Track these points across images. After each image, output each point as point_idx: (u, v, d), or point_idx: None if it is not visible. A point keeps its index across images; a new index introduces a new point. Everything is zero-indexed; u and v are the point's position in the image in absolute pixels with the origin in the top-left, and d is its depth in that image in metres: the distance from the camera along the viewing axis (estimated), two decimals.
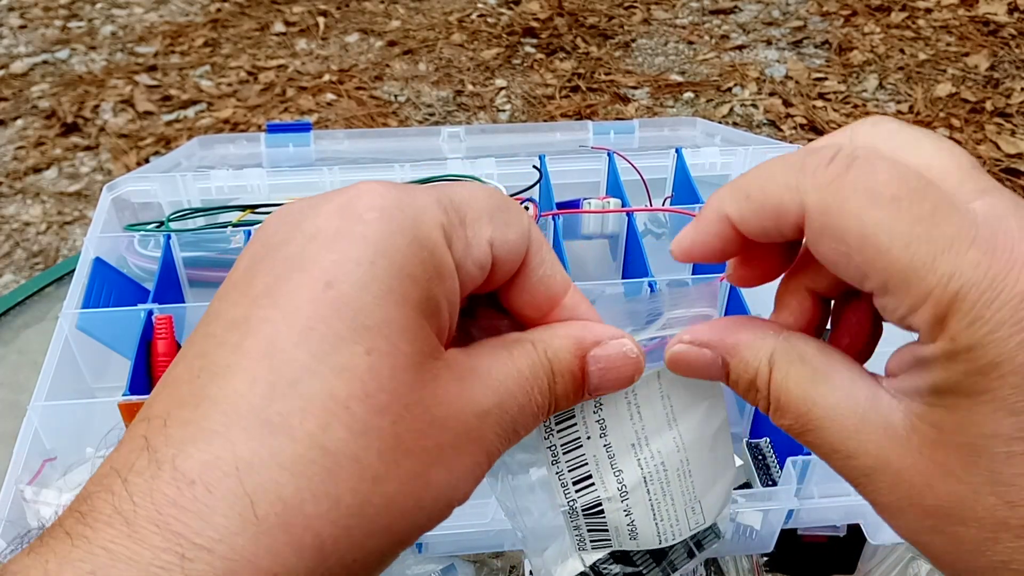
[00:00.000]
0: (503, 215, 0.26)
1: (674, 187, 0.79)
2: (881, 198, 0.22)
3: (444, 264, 0.24)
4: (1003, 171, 1.92)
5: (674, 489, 0.30)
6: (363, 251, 0.22)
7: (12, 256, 1.78)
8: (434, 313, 0.24)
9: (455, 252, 0.24)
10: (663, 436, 0.30)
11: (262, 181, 0.75)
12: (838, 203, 0.23)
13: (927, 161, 0.24)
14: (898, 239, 0.22)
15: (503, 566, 0.60)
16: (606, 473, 0.30)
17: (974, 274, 0.21)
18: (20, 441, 0.55)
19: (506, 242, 0.26)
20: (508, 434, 0.26)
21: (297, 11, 2.51)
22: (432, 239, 0.24)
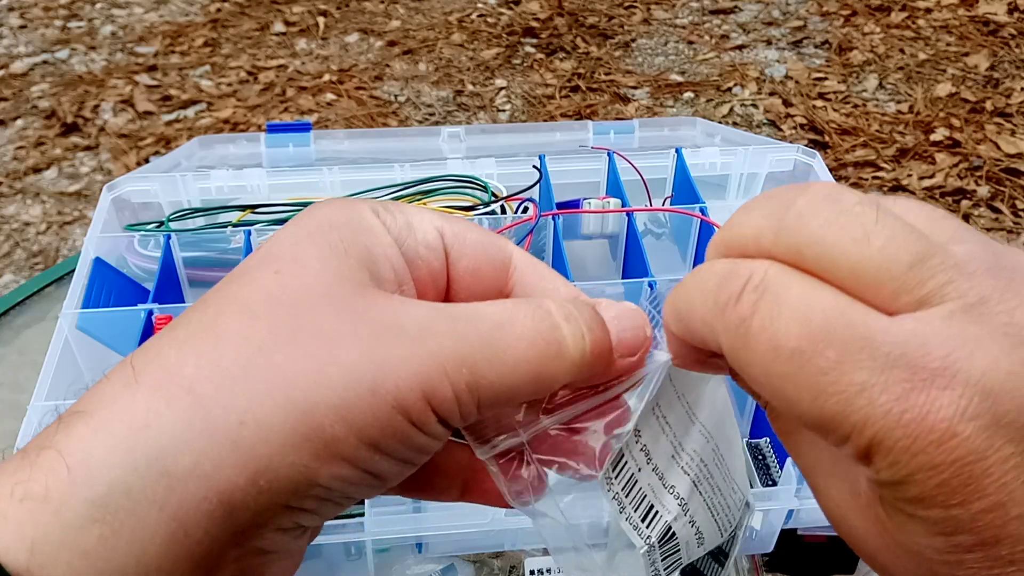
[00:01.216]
0: (459, 221, 0.29)
1: (674, 187, 0.79)
2: (783, 351, 0.21)
3: (371, 224, 0.26)
4: (1003, 171, 1.92)
5: (717, 479, 0.30)
6: (294, 220, 0.27)
7: (12, 256, 1.78)
8: (365, 256, 0.26)
9: (390, 224, 0.27)
10: (692, 434, 0.30)
11: (262, 181, 0.75)
12: (746, 354, 0.22)
13: (854, 265, 0.21)
14: (805, 393, 0.21)
15: (503, 566, 0.60)
16: (663, 496, 0.29)
17: (887, 421, 0.20)
18: (20, 441, 0.55)
19: (464, 235, 0.28)
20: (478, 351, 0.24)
21: (297, 11, 2.51)
22: (358, 207, 0.27)
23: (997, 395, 0.19)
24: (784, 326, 0.21)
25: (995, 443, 0.19)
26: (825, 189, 0.22)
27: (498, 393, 0.25)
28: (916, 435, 0.20)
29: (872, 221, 0.21)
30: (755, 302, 0.22)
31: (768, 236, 0.23)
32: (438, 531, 0.55)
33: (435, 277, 0.28)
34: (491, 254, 0.29)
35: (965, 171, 1.93)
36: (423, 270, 0.27)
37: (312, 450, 0.22)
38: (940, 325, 0.20)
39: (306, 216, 0.27)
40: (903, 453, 0.20)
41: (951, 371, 0.20)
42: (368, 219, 0.27)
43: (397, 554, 0.58)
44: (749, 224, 0.23)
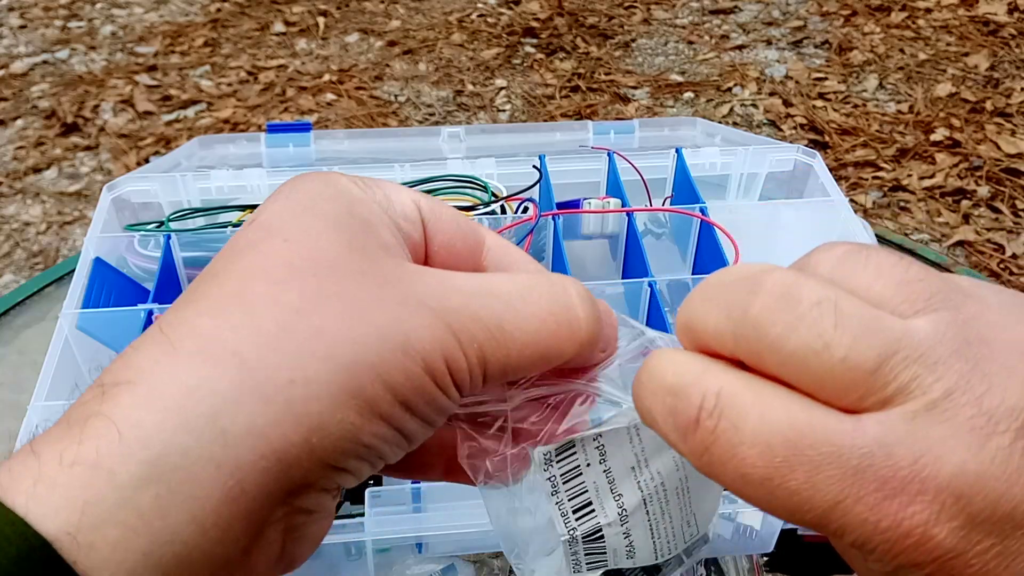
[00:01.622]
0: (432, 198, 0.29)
1: (674, 187, 0.79)
2: (751, 480, 0.21)
3: (361, 196, 0.27)
4: (1003, 171, 1.92)
5: (672, 507, 0.30)
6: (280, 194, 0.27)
7: (12, 256, 1.78)
8: (366, 226, 0.26)
9: (372, 196, 0.27)
10: (663, 456, 0.30)
11: (262, 181, 0.75)
12: (717, 477, 0.22)
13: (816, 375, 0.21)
14: (781, 511, 0.21)
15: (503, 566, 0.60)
16: (606, 499, 0.29)
17: (863, 530, 0.20)
18: (20, 441, 0.55)
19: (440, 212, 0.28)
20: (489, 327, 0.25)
21: (297, 11, 2.51)
22: (338, 180, 0.27)
23: (969, 497, 0.20)
24: (748, 457, 0.21)
25: (972, 539, 0.20)
26: (779, 288, 0.22)
27: (504, 370, 0.26)
28: (894, 540, 0.20)
29: (831, 326, 0.21)
30: (713, 430, 0.22)
31: (727, 338, 0.22)
32: (438, 531, 0.55)
33: (416, 250, 0.28)
34: (465, 232, 0.29)
35: (965, 171, 1.94)
36: (406, 243, 0.28)
37: (357, 408, 0.23)
38: (904, 430, 0.20)
39: (290, 190, 0.26)
40: (886, 554, 0.20)
41: (920, 478, 0.20)
42: (353, 190, 0.27)
43: (397, 554, 0.58)
44: (706, 323, 0.23)
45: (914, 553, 0.20)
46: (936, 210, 1.85)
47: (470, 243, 0.29)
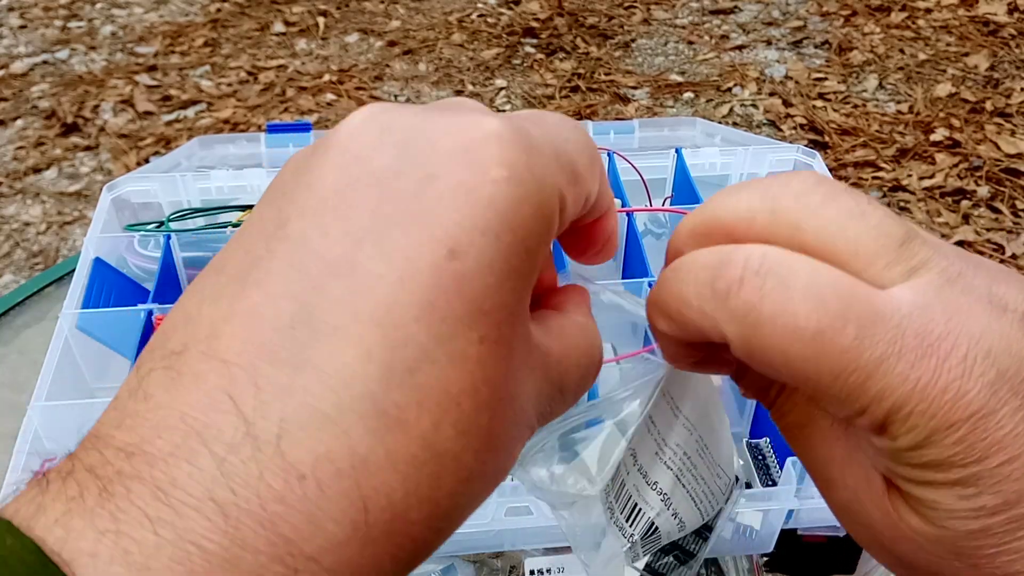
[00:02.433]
0: (598, 167, 0.24)
1: (674, 187, 0.79)
2: (804, 332, 0.21)
3: (551, 235, 0.22)
4: (1003, 171, 1.92)
5: (700, 469, 0.31)
6: (491, 220, 0.20)
7: (12, 256, 1.78)
8: (534, 276, 0.22)
9: (562, 217, 0.23)
10: (675, 429, 0.30)
11: (262, 181, 0.75)
12: (759, 340, 0.22)
13: (853, 237, 0.22)
14: (826, 372, 0.21)
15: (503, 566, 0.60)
16: (646, 493, 0.30)
17: (904, 388, 0.21)
18: (20, 441, 0.55)
19: (593, 198, 0.24)
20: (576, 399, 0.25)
21: (297, 11, 2.51)
22: (552, 209, 0.21)
23: (996, 353, 0.21)
24: (800, 309, 0.21)
25: (1003, 396, 0.20)
26: (813, 175, 0.23)
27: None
28: (932, 397, 0.21)
29: (865, 201, 0.23)
30: (760, 287, 0.21)
31: (764, 216, 0.23)
32: None
33: None
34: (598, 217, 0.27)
35: (965, 171, 1.93)
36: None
37: None
38: (934, 294, 0.21)
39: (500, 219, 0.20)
40: (921, 416, 0.21)
41: (954, 334, 0.21)
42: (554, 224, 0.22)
43: None
44: (739, 206, 0.23)
45: (950, 411, 0.20)
46: (936, 210, 1.85)
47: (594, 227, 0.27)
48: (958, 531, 0.22)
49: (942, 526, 0.22)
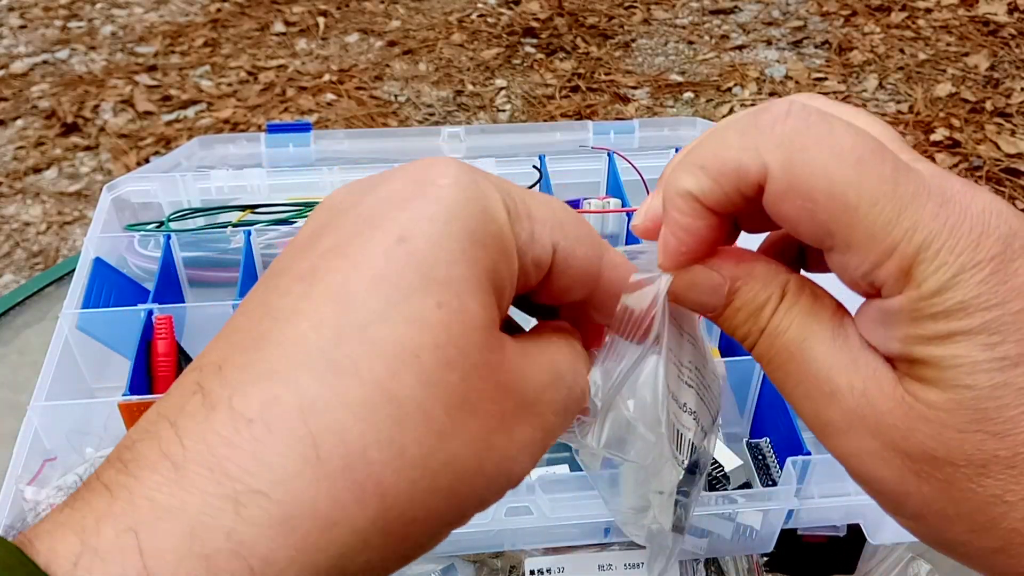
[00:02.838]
0: (574, 229, 0.26)
1: None
2: (848, 157, 0.23)
3: (508, 242, 0.24)
4: (1003, 171, 1.92)
5: (706, 376, 0.31)
6: (437, 210, 0.22)
7: (12, 256, 1.78)
8: (498, 287, 0.23)
9: (518, 239, 0.24)
10: (684, 347, 0.30)
11: (262, 181, 0.75)
12: (803, 160, 0.23)
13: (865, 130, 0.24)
14: (866, 197, 0.22)
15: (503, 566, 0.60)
16: (682, 417, 0.30)
17: (934, 224, 0.22)
18: (20, 441, 0.55)
19: (572, 255, 0.26)
20: (564, 413, 0.25)
21: (297, 11, 2.51)
22: (500, 217, 0.23)
23: (1007, 214, 0.23)
24: (845, 138, 0.23)
25: (1016, 248, 0.22)
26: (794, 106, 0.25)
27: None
28: (960, 235, 0.22)
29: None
30: (807, 120, 0.23)
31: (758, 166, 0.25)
32: None
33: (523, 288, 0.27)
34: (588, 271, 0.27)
35: (965, 171, 1.93)
36: (520, 282, 0.26)
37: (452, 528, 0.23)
38: (941, 168, 0.24)
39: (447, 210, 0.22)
40: (949, 253, 0.22)
41: (970, 194, 0.23)
42: (507, 235, 0.24)
43: None
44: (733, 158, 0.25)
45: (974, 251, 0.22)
46: None
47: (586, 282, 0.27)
48: (982, 387, 0.22)
49: (965, 385, 0.22)
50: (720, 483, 0.57)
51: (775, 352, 0.26)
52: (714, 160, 0.24)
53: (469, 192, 0.23)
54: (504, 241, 0.23)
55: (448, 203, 0.22)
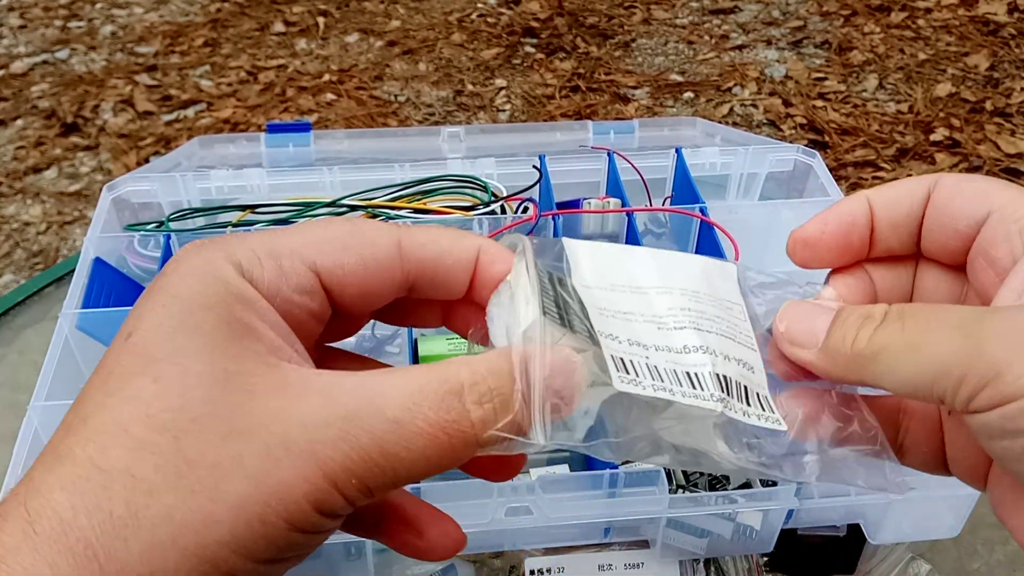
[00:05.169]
0: (338, 242, 0.28)
1: (674, 187, 0.79)
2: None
3: (243, 291, 0.26)
4: (1003, 171, 1.92)
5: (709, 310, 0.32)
6: (161, 298, 0.25)
7: (12, 256, 1.78)
8: (245, 333, 0.25)
9: (263, 281, 0.26)
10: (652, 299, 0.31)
11: (262, 181, 0.75)
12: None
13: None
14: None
15: (503, 566, 0.60)
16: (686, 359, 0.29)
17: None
18: (20, 441, 0.55)
19: (341, 266, 0.27)
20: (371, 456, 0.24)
21: (297, 11, 2.51)
22: (224, 272, 0.26)
23: None
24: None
25: None
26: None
27: (391, 486, 0.25)
28: None
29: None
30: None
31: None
32: None
33: (317, 314, 0.28)
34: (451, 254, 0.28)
35: (965, 171, 1.93)
36: (302, 315, 0.27)
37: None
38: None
39: (170, 296, 0.25)
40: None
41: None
42: (236, 285, 0.26)
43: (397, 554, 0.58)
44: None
45: None
46: None
47: (458, 265, 0.29)
48: None
49: None
50: (720, 483, 0.57)
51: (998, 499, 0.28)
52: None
53: (189, 267, 0.26)
54: (236, 291, 0.25)
55: (170, 288, 0.25)
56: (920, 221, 0.30)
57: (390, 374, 0.25)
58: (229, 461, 0.23)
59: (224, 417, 0.23)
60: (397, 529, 0.30)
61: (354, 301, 0.28)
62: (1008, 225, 0.28)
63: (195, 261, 0.26)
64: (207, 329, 0.24)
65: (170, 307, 0.25)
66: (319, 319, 0.28)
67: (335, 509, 0.24)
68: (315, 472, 0.23)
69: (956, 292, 0.31)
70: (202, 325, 0.24)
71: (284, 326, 0.26)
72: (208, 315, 0.25)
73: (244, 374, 0.24)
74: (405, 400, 0.24)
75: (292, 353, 0.26)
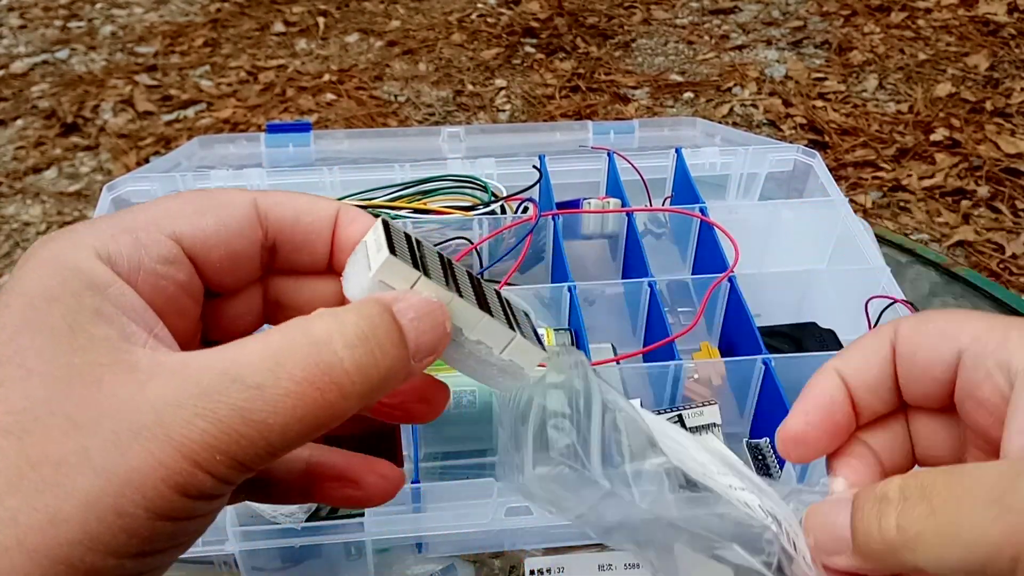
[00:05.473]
0: (191, 207, 0.27)
1: (674, 187, 0.79)
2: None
3: (93, 276, 0.25)
4: (1003, 171, 1.92)
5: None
6: (4, 298, 0.24)
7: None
8: (94, 321, 0.24)
9: (121, 257, 0.25)
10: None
11: (262, 181, 0.75)
12: None
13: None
14: None
15: (503, 566, 0.60)
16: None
17: None
18: None
19: (202, 230, 0.27)
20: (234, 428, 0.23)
21: (297, 11, 2.51)
22: (75, 258, 0.25)
23: None
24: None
25: None
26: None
27: (268, 455, 0.24)
28: None
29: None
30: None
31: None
32: (438, 531, 0.55)
33: (188, 288, 0.27)
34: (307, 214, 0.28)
35: (965, 171, 1.94)
36: (170, 288, 0.26)
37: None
38: None
39: (16, 293, 0.24)
40: None
41: None
42: (89, 267, 0.25)
43: (397, 554, 0.58)
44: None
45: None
46: (936, 210, 1.85)
47: (317, 223, 0.29)
48: None
49: None
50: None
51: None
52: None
53: (37, 262, 0.25)
54: (88, 277, 0.25)
55: (16, 286, 0.24)
56: (894, 378, 0.30)
57: (247, 341, 0.24)
58: (74, 456, 0.22)
59: (67, 413, 0.23)
60: (332, 487, 0.30)
61: (222, 268, 0.28)
62: (985, 363, 0.27)
63: (43, 253, 0.25)
64: (52, 323, 0.24)
65: (13, 305, 0.24)
66: (190, 294, 0.27)
67: (204, 490, 0.23)
68: (171, 455, 0.22)
69: (954, 435, 0.30)
70: (47, 320, 0.24)
71: (141, 308, 0.25)
72: (53, 308, 0.24)
73: (90, 365, 0.23)
74: (266, 362, 0.23)
75: (147, 337, 0.25)
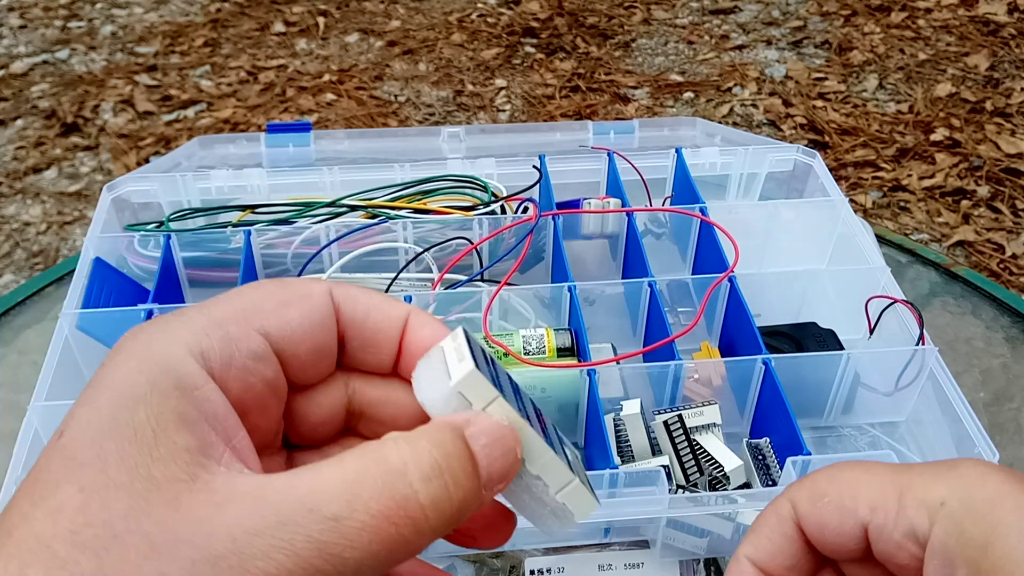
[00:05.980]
0: (275, 299, 0.27)
1: (674, 187, 0.79)
2: None
3: (182, 375, 0.24)
4: (1003, 171, 1.92)
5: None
6: (91, 391, 0.23)
7: (12, 256, 1.78)
8: (177, 427, 0.23)
9: (214, 353, 0.25)
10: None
11: (262, 181, 0.75)
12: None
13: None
14: None
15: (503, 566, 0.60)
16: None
17: None
18: (20, 441, 0.55)
19: (288, 324, 0.26)
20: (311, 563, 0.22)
21: (297, 11, 2.51)
22: (166, 354, 0.24)
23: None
24: None
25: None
26: None
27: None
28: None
29: None
30: None
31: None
32: None
33: (273, 385, 0.27)
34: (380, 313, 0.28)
35: (965, 171, 1.94)
36: (258, 386, 0.26)
37: None
38: None
39: (102, 387, 0.23)
40: None
41: None
42: (180, 366, 0.24)
43: None
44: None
45: None
46: (936, 210, 1.85)
47: (387, 323, 0.28)
48: None
49: None
50: (720, 483, 0.57)
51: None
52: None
53: (128, 355, 0.24)
54: (178, 377, 0.24)
55: (104, 379, 0.24)
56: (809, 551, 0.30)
57: (321, 467, 0.23)
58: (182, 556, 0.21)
59: (147, 533, 0.21)
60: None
61: (307, 362, 0.27)
62: (892, 536, 0.28)
63: (134, 347, 0.24)
64: (136, 426, 0.23)
65: (99, 401, 0.23)
66: (275, 391, 0.27)
67: None
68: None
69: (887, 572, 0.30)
70: (132, 421, 0.23)
71: (223, 414, 0.24)
72: (139, 409, 0.23)
73: (170, 480, 0.22)
74: (342, 492, 0.22)
75: (223, 449, 0.24)
